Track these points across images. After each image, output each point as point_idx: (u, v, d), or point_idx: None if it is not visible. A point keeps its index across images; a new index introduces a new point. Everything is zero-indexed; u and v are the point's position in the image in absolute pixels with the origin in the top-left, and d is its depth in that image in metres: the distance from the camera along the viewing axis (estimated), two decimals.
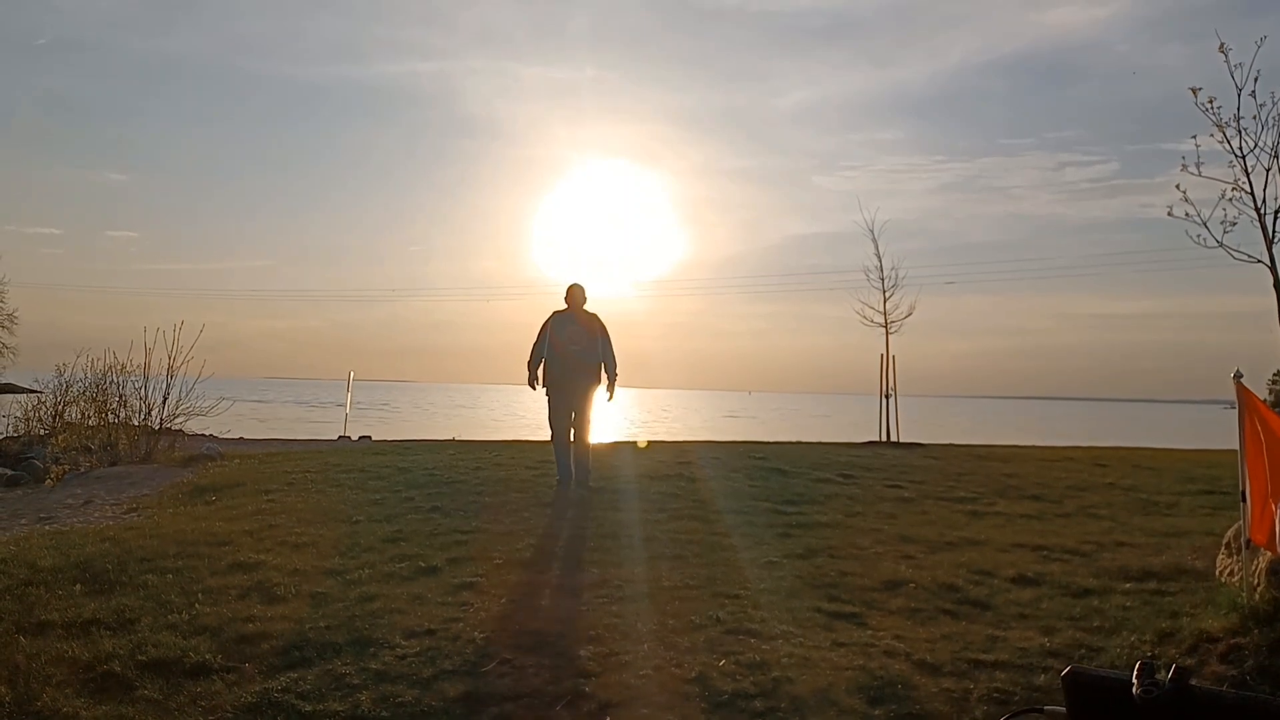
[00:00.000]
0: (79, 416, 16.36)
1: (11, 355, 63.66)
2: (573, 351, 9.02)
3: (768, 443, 15.67)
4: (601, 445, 14.45)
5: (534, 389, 9.13)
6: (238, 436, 19.02)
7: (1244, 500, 4.87)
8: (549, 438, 9.32)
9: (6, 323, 63.56)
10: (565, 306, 9.26)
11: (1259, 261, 6.34)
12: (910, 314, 18.87)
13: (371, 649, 4.25)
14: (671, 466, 10.63)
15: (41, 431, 17.23)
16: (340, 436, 20.49)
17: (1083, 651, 4.41)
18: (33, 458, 14.58)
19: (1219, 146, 6.48)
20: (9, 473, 13.33)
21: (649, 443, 14.94)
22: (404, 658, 4.13)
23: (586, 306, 9.31)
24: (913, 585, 5.63)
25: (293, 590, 5.24)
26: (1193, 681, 3.32)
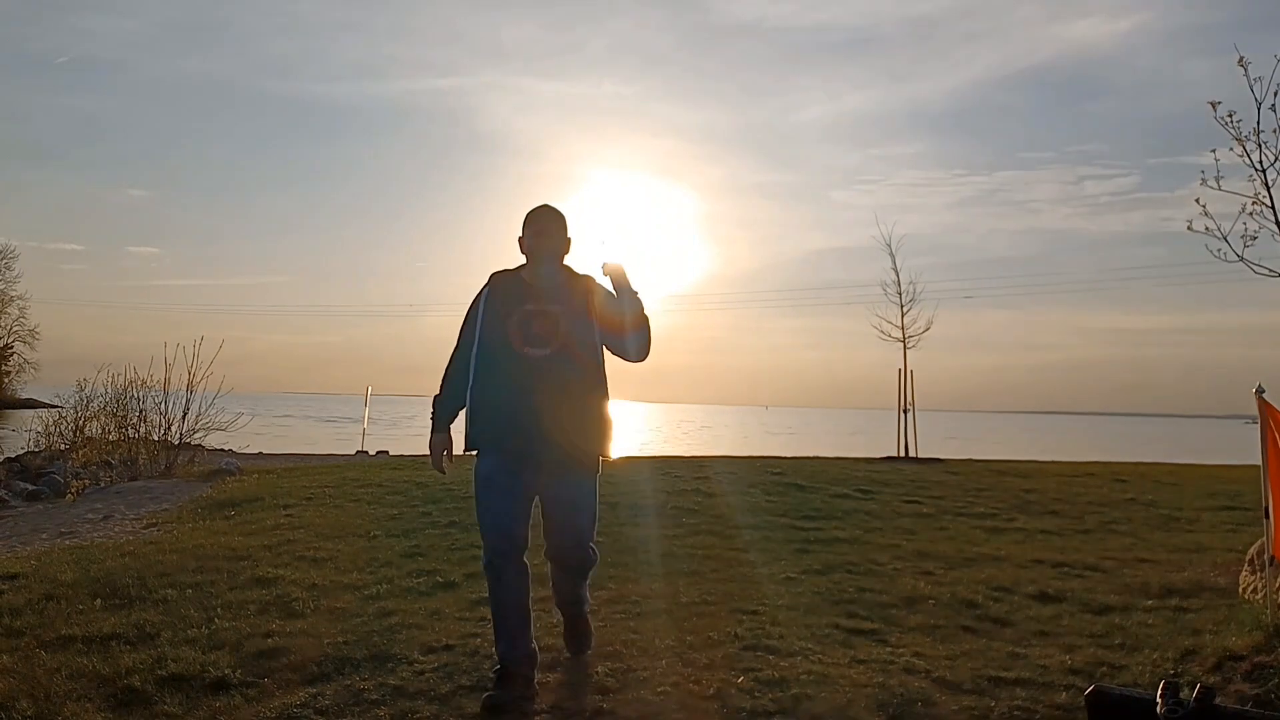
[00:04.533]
0: (99, 431, 16.53)
1: (33, 370, 64.59)
2: (539, 361, 3.94)
3: (785, 458, 15.64)
4: (616, 460, 14.46)
5: (442, 471, 4.12)
6: (256, 451, 19.13)
7: (1267, 517, 4.83)
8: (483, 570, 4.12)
9: (28, 338, 64.64)
10: (523, 262, 4.13)
11: (1279, 276, 6.28)
12: (928, 328, 18.86)
13: (390, 664, 4.25)
14: (689, 481, 10.62)
15: (62, 446, 17.39)
16: (358, 451, 20.59)
17: (1104, 669, 4.37)
18: (53, 472, 14.71)
19: (1239, 160, 6.43)
20: (30, 487, 13.45)
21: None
22: (422, 673, 4.13)
23: (569, 261, 4.15)
24: (932, 601, 5.60)
25: (311, 605, 5.25)
26: (1217, 700, 3.29)
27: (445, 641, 4.59)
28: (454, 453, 4.10)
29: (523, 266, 4.10)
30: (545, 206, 4.08)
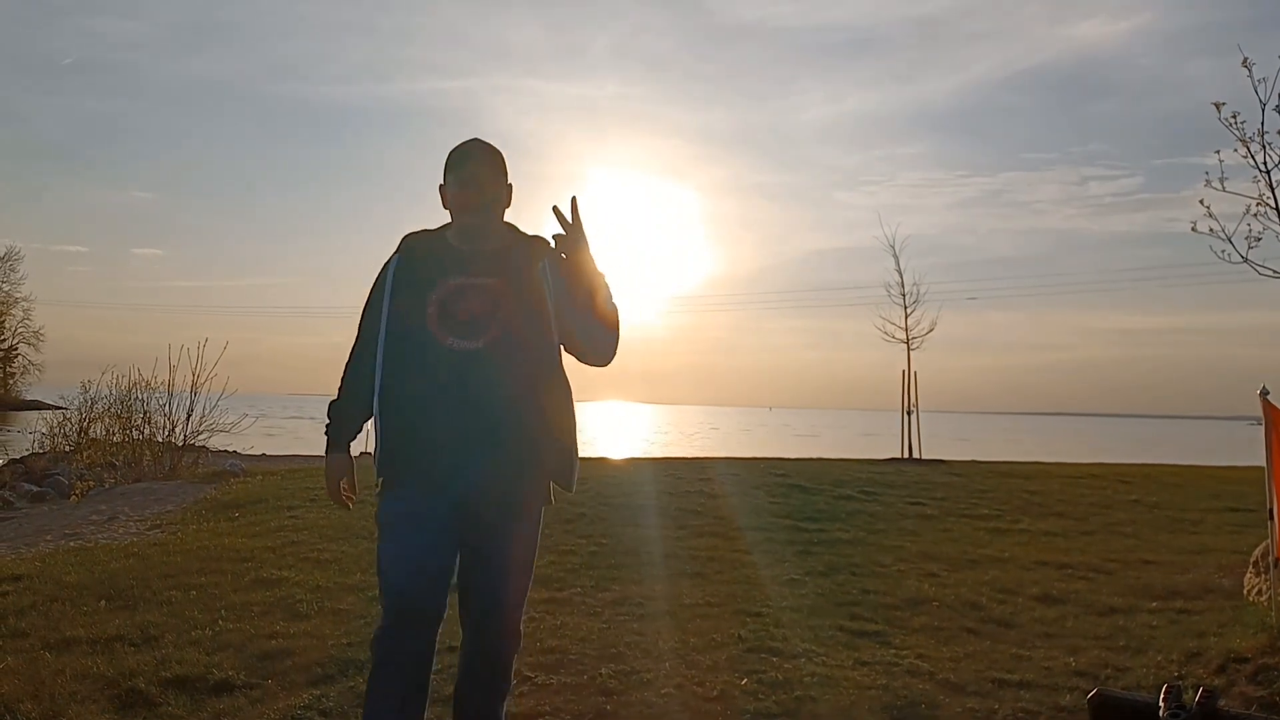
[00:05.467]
0: (104, 433, 16.55)
1: (38, 372, 64.87)
2: (469, 356, 2.80)
3: (788, 459, 15.63)
4: (620, 461, 14.45)
5: (345, 505, 3.21)
6: (260, 453, 19.15)
7: (1271, 518, 4.83)
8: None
9: (33, 340, 65.05)
10: (449, 222, 2.98)
11: None
12: (932, 330, 18.90)
13: None
14: (692, 483, 10.62)
15: (67, 448, 17.43)
16: (362, 453, 20.59)
17: (1109, 671, 4.36)
18: (58, 474, 14.76)
19: (1243, 161, 6.43)
20: (35, 489, 13.50)
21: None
22: None
23: (514, 218, 3.03)
24: (936, 603, 5.59)
25: (315, 607, 5.25)
26: (1221, 703, 3.29)
27: (449, 643, 4.55)
28: (357, 479, 3.17)
29: (447, 226, 2.99)
30: (475, 142, 2.95)
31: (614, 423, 68.51)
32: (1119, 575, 6.47)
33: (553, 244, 2.83)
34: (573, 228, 2.79)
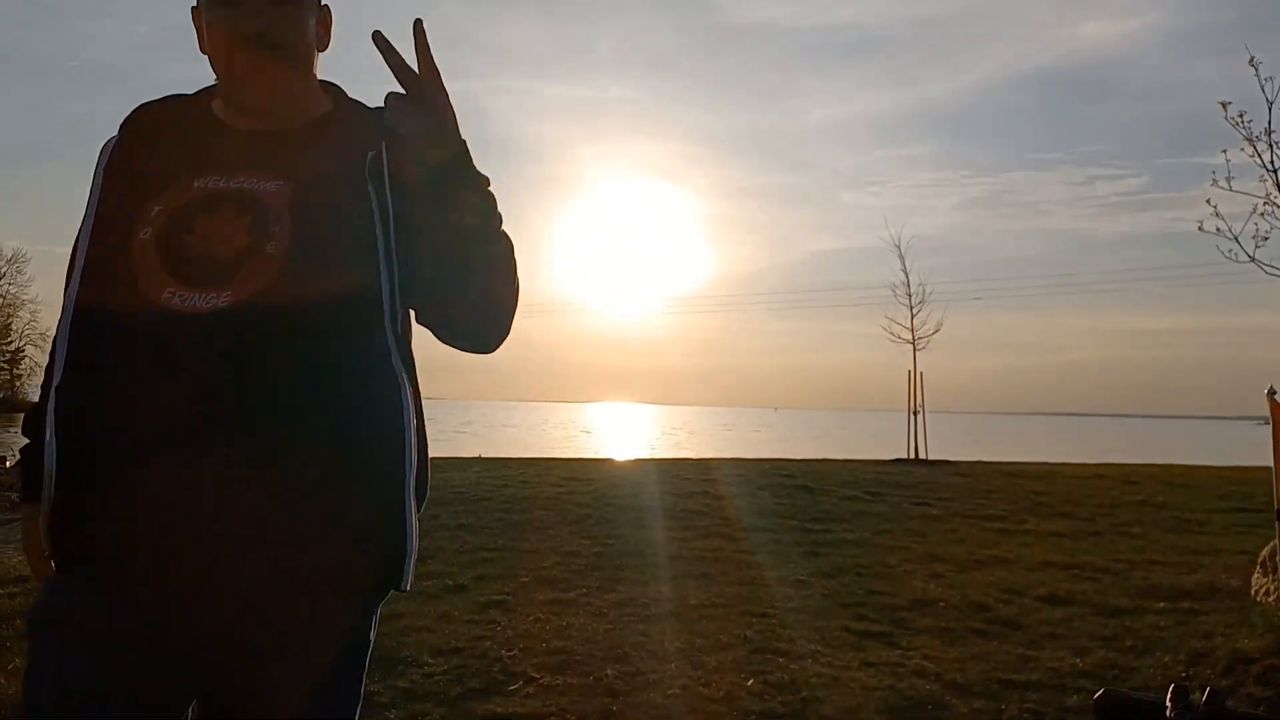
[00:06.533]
0: None
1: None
2: (208, 327, 1.32)
3: (794, 460, 15.63)
4: (625, 463, 14.45)
5: (47, 567, 1.40)
6: None
7: (1279, 519, 4.81)
8: None
9: (40, 342, 64.84)
10: (209, 87, 1.54)
11: None
12: (938, 330, 18.94)
13: (399, 667, 4.26)
14: (697, 484, 10.63)
15: None
16: None
17: (1115, 672, 4.36)
18: None
19: (1250, 160, 6.44)
20: None
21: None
22: (431, 676, 4.14)
23: (329, 73, 1.57)
24: (942, 604, 5.59)
25: None
26: (1228, 704, 3.30)
27: (454, 644, 4.60)
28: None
29: (212, 90, 1.59)
30: None
31: (617, 424, 68.48)
32: (1126, 576, 6.46)
33: (388, 115, 1.42)
34: (421, 79, 1.41)
